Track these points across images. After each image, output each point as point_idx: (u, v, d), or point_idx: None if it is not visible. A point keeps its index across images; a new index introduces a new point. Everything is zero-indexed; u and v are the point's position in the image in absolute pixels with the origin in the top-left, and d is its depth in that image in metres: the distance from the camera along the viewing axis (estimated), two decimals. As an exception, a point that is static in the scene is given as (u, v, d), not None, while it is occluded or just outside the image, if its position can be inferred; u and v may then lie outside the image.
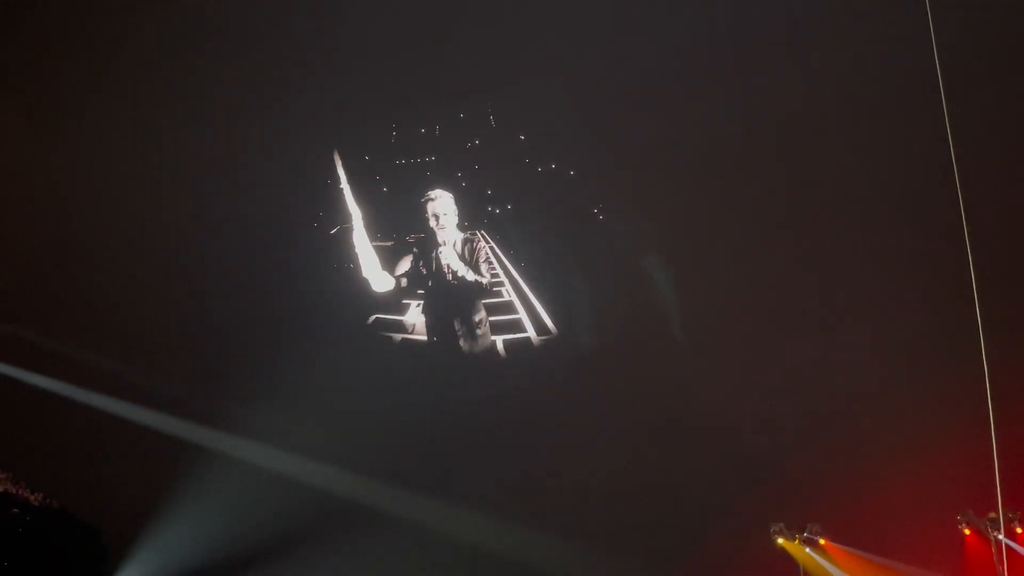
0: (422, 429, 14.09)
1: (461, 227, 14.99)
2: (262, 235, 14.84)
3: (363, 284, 14.96)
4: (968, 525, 11.33)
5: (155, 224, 14.96)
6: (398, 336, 15.04)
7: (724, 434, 13.21)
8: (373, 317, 15.01)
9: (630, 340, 14.10)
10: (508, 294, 14.84)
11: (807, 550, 11.89)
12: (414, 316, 15.27)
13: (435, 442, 14.06)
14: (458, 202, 14.89)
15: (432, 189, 15.03)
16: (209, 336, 14.89)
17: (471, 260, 15.16)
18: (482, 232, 14.95)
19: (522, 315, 14.67)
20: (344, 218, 15.08)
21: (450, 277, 14.95)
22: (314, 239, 15.11)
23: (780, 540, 11.98)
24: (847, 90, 13.00)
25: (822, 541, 11.83)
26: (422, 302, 15.13)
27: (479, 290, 14.87)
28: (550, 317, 14.49)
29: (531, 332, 14.57)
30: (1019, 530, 10.62)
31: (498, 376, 14.35)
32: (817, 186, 13.29)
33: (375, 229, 15.15)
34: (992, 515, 10.92)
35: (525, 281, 14.63)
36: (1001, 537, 10.77)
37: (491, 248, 15.13)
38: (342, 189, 15.10)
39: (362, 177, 15.20)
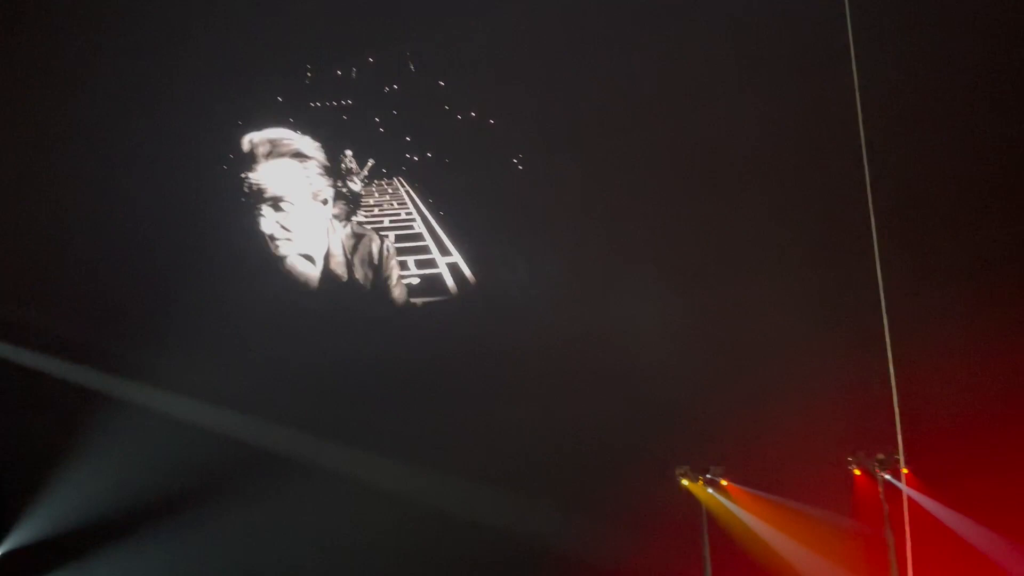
0: (337, 380, 13.94)
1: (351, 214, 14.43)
2: (168, 173, 14.26)
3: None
4: (858, 466, 11.84)
5: (51, 158, 14.19)
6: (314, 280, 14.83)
7: (633, 381, 13.51)
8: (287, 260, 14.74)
9: (548, 291, 14.22)
10: (427, 244, 14.80)
11: (709, 491, 12.37)
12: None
13: (351, 393, 13.95)
14: (373, 152, 14.51)
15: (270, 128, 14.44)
16: (112, 277, 14.28)
17: (376, 272, 14.49)
18: (400, 179, 14.82)
19: (441, 267, 14.65)
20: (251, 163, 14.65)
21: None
22: (224, 180, 14.61)
23: (684, 482, 12.41)
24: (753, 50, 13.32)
25: (724, 482, 12.30)
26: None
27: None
28: (469, 268, 14.54)
29: (450, 283, 14.59)
30: (904, 470, 11.30)
31: (416, 327, 14.32)
32: (726, 140, 13.56)
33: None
34: (880, 456, 11.64)
35: (445, 231, 14.63)
36: (888, 477, 11.54)
37: (408, 192, 14.97)
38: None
39: (275, 119, 14.73)
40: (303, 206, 14.47)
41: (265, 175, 14.48)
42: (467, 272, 14.46)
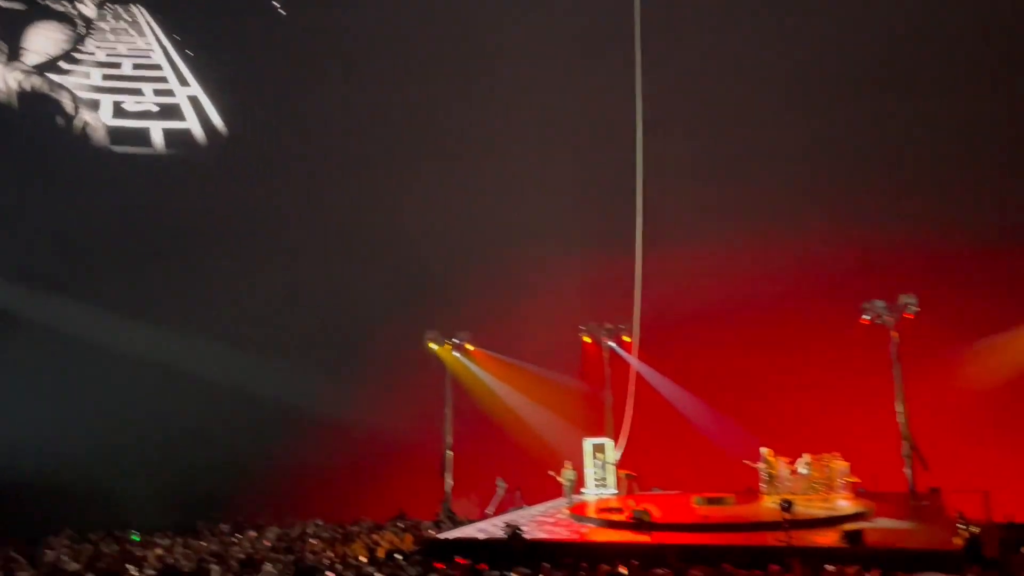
0: (64, 228, 12.60)
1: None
2: None
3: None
4: (587, 334, 13.18)
5: None
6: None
7: (387, 248, 13.72)
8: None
9: (304, 147, 13.72)
10: (166, 75, 13.49)
11: (455, 354, 13.12)
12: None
13: (79, 242, 12.72)
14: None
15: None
16: None
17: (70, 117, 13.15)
18: (140, 8, 13.19)
19: (180, 98, 13.44)
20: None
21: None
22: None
23: (432, 345, 13.02)
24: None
25: (469, 347, 13.08)
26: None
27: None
28: (220, 114, 13.51)
29: (197, 129, 13.48)
30: (626, 338, 12.71)
31: (157, 174, 13.20)
32: (496, 30, 13.61)
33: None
34: (608, 326, 13.01)
35: (192, 72, 13.36)
36: (611, 344, 12.99)
37: (148, 23, 13.42)
38: None
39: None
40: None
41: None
42: (216, 119, 13.48)
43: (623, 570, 6.85)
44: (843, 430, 11.14)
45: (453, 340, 12.99)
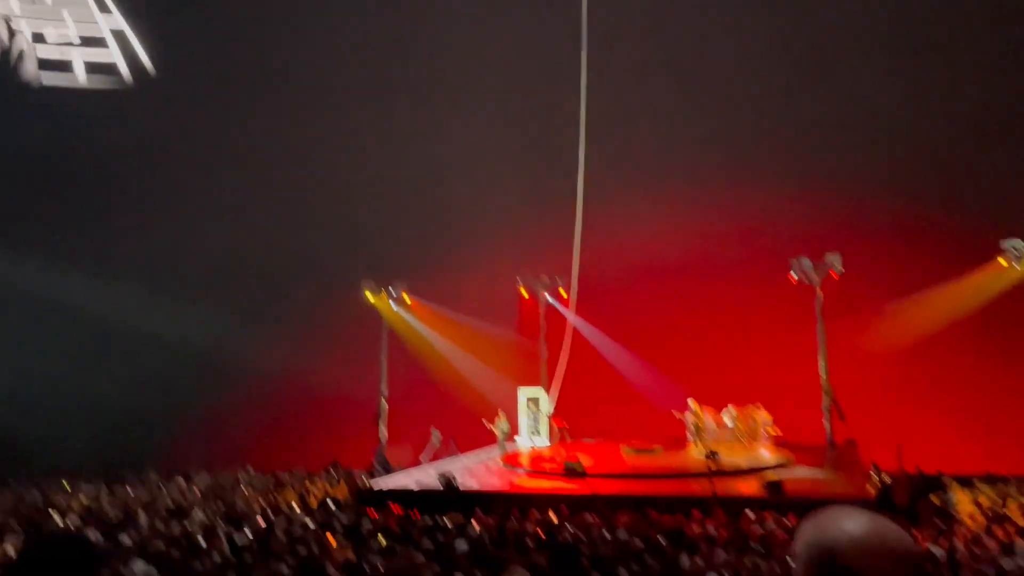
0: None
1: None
2: None
3: None
4: (524, 286, 13.28)
5: None
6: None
7: (328, 197, 13.44)
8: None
9: (231, 90, 13.23)
10: (92, 11, 12.81)
11: (392, 305, 13.05)
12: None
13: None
14: None
15: None
16: None
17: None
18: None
19: (109, 40, 12.82)
20: None
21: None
22: None
23: (369, 295, 12.87)
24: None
25: (406, 297, 13.02)
26: None
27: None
28: (145, 48, 12.91)
29: (121, 62, 12.87)
30: (563, 293, 12.82)
31: (79, 112, 12.61)
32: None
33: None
34: (544, 278, 13.08)
35: (121, 8, 12.70)
36: (548, 297, 13.11)
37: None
38: None
39: None
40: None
41: None
42: (142, 55, 12.87)
43: (553, 517, 7.00)
44: (767, 383, 11.51)
45: (389, 289, 12.86)
